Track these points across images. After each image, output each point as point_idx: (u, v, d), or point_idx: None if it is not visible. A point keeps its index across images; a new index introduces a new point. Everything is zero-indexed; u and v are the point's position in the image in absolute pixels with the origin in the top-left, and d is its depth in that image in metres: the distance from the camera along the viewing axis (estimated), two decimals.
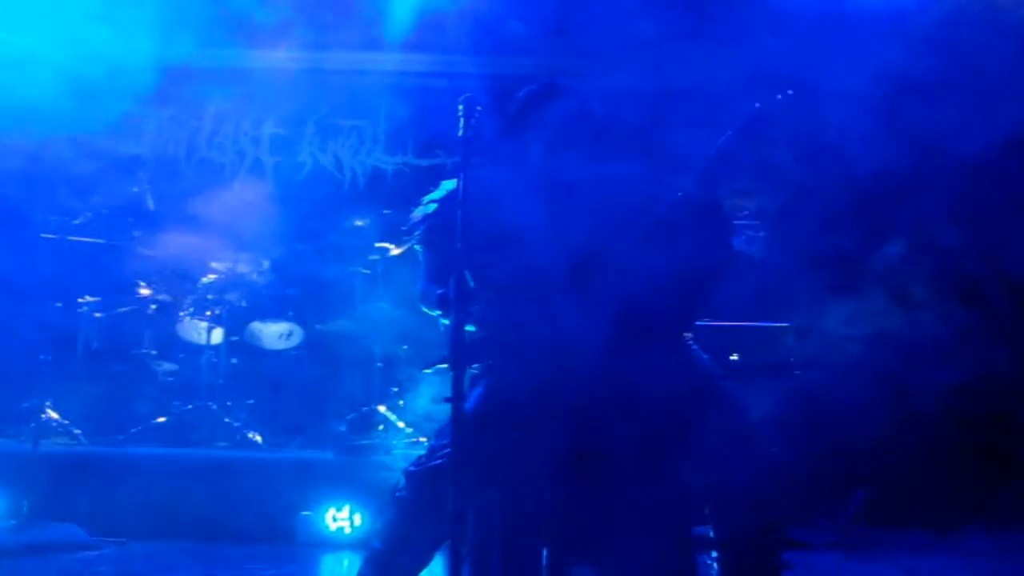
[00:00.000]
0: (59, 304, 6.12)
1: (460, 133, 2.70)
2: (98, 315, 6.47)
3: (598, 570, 2.71)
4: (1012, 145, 5.40)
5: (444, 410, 2.41)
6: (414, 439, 5.77)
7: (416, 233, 3.10)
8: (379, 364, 6.32)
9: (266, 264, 6.80)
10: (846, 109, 5.13)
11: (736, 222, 2.86)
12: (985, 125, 5.34)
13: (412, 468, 2.84)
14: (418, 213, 3.10)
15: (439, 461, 2.70)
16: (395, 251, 6.42)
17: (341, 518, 4.98)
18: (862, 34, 5.37)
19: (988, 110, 5.39)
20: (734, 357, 5.52)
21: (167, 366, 6.59)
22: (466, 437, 2.38)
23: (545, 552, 2.72)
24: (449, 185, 3.04)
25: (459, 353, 2.42)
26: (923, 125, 5.37)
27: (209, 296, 6.42)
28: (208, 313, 6.40)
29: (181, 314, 6.47)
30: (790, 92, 2.62)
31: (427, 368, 2.75)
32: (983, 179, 5.67)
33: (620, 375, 2.62)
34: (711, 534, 2.78)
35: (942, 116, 5.31)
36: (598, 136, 3.02)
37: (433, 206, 3.06)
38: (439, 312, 2.84)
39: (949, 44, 5.42)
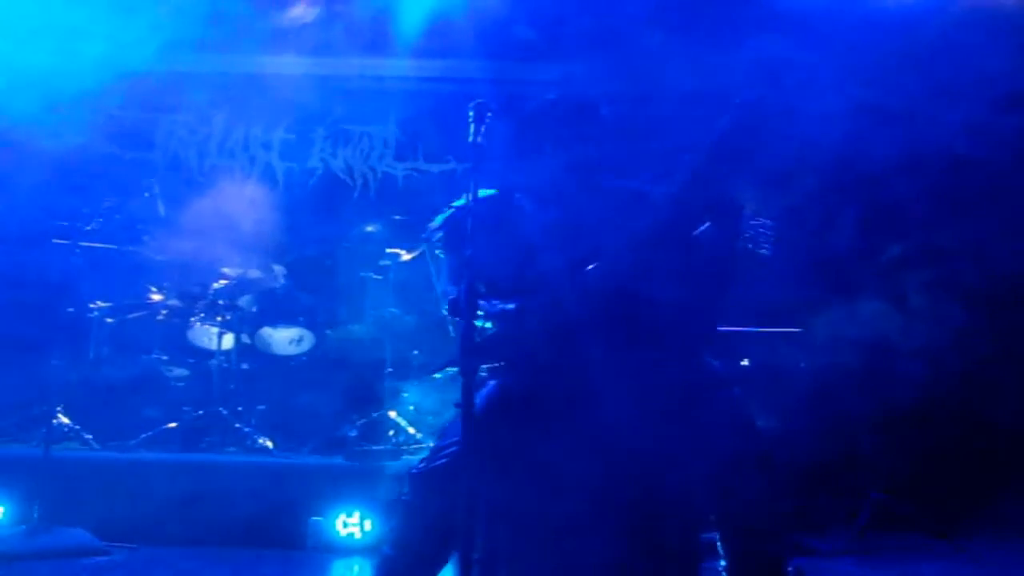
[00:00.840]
0: (70, 309, 6.13)
1: (471, 139, 2.71)
2: (109, 320, 6.49)
3: (604, 572, 2.70)
4: (1009, 143, 5.39)
5: (430, 415, 2.41)
6: (423, 444, 5.77)
7: (435, 238, 3.14)
8: (390, 369, 6.31)
9: (280, 269, 6.81)
10: (842, 113, 5.13)
11: (747, 223, 2.85)
12: (982, 125, 5.33)
13: (415, 470, 2.85)
14: (439, 219, 3.14)
15: (442, 460, 2.72)
16: (406, 256, 6.42)
17: (351, 523, 4.97)
18: (858, 36, 5.36)
19: (984, 110, 5.38)
20: (745, 363, 5.50)
21: (178, 371, 6.59)
22: (475, 440, 2.38)
23: (551, 555, 2.72)
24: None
25: (468, 357, 2.43)
26: (919, 125, 5.37)
27: (220, 301, 6.42)
28: (219, 318, 6.41)
29: (192, 319, 6.49)
30: (767, 90, 2.60)
31: (436, 372, 2.77)
32: (981, 178, 5.66)
33: (626, 379, 2.62)
34: (718, 541, 2.78)
35: (938, 116, 5.30)
36: (606, 140, 3.04)
37: (451, 211, 3.10)
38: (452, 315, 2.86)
39: (946, 45, 5.41)
